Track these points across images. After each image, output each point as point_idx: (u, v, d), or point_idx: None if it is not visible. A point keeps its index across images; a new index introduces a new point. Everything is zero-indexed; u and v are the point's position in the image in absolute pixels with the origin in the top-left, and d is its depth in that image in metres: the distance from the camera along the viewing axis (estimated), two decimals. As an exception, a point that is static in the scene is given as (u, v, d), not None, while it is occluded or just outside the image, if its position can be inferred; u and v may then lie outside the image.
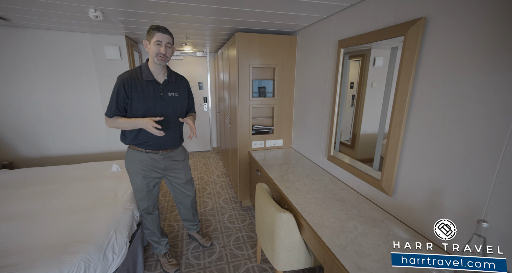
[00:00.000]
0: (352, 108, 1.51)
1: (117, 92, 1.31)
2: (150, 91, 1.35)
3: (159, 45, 1.29)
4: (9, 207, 1.44)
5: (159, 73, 1.39)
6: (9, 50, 2.29)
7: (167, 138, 1.45)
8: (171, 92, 1.42)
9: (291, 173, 1.77)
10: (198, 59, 4.12)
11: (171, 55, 1.37)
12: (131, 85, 1.32)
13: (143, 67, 1.38)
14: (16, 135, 2.50)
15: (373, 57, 1.32)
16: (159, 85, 1.39)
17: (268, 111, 2.43)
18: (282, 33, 2.25)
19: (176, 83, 1.47)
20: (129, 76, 1.33)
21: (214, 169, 3.68)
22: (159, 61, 1.32)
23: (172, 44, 1.36)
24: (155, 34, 1.28)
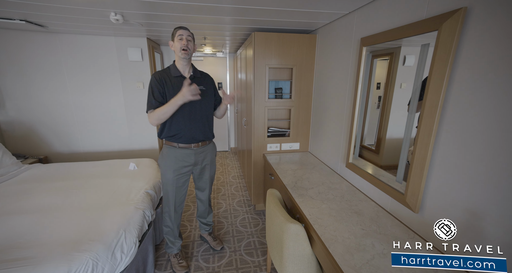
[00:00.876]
0: (378, 111, 1.38)
1: (154, 86, 1.43)
2: (179, 86, 1.44)
3: (181, 39, 1.41)
4: (34, 200, 1.53)
5: (185, 70, 1.51)
6: (46, 54, 2.49)
7: (196, 129, 1.53)
8: (198, 86, 1.49)
9: (306, 180, 1.67)
10: (218, 60, 4.15)
11: (194, 50, 1.49)
12: (162, 82, 1.44)
13: (171, 66, 1.52)
14: (51, 133, 2.71)
15: (403, 55, 1.19)
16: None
17: (285, 114, 2.35)
18: (301, 32, 2.15)
19: (202, 79, 1.58)
20: (160, 74, 1.48)
21: (231, 170, 3.67)
22: (183, 55, 1.43)
23: (193, 39, 1.47)
24: (177, 31, 1.43)
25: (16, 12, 1.77)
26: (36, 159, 2.57)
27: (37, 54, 2.47)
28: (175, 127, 1.49)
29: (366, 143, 1.50)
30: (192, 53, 1.49)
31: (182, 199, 1.67)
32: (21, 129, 2.63)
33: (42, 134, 2.69)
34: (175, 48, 1.45)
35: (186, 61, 1.48)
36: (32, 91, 2.56)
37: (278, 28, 2.03)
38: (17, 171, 2.00)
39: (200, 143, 1.59)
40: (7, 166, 1.98)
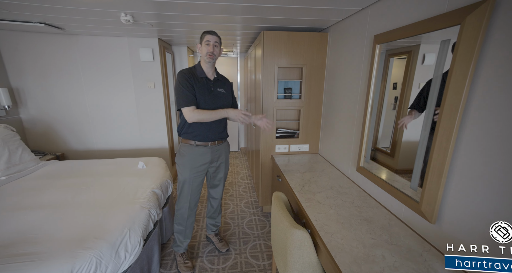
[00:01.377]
0: (394, 112, 1.30)
1: (186, 82, 1.47)
2: (203, 86, 1.52)
3: (208, 45, 1.48)
4: (47, 196, 1.59)
5: (209, 72, 1.58)
6: (64, 56, 2.59)
7: (214, 128, 1.58)
8: (219, 88, 1.60)
9: (314, 183, 1.61)
10: (229, 60, 4.15)
11: (219, 55, 1.55)
12: (191, 79, 1.50)
13: (196, 66, 1.58)
14: (67, 131, 2.82)
15: (422, 53, 1.11)
16: (211, 82, 1.57)
17: (294, 114, 2.29)
18: (312, 31, 2.08)
19: (222, 82, 1.66)
20: (188, 71, 1.53)
21: (240, 170, 3.66)
22: (208, 59, 1.50)
23: (220, 44, 1.54)
24: (205, 36, 1.49)
25: (36, 15, 1.84)
26: (54, 155, 2.68)
27: (56, 55, 2.57)
28: (195, 124, 1.53)
29: (381, 146, 1.42)
30: (218, 57, 1.55)
31: (197, 199, 1.69)
32: (41, 127, 2.76)
33: (59, 132, 2.81)
34: (201, 52, 1.52)
35: (211, 64, 1.55)
36: (51, 91, 2.67)
37: (288, 26, 1.98)
38: (35, 167, 2.09)
39: (216, 141, 1.62)
40: (26, 162, 2.07)
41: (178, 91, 1.48)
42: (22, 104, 2.67)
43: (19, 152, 2.07)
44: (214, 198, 1.88)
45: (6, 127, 2.15)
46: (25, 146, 2.17)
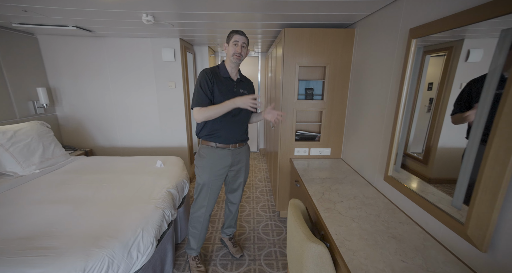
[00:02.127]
0: (428, 115, 1.15)
1: (205, 82, 1.43)
2: (227, 86, 1.49)
3: (236, 45, 1.43)
4: (71, 191, 1.66)
5: (233, 72, 1.52)
6: (93, 57, 2.73)
7: (235, 130, 1.53)
8: (242, 90, 1.56)
9: (335, 191, 1.48)
10: (250, 59, 4.11)
11: (246, 55, 1.51)
12: (213, 79, 1.45)
13: (220, 66, 1.53)
14: (95, 128, 2.98)
15: (466, 49, 0.95)
16: (233, 82, 1.53)
17: (315, 116, 2.16)
18: (337, 27, 1.94)
19: (245, 83, 1.61)
20: (211, 71, 1.48)
21: (258, 172, 3.59)
22: (235, 59, 1.45)
23: (247, 45, 1.48)
24: (233, 36, 1.43)
25: (69, 19, 1.95)
26: (83, 151, 2.85)
27: (86, 56, 2.73)
28: (216, 126, 1.49)
29: (412, 151, 1.26)
30: (244, 58, 1.50)
31: (214, 203, 1.65)
32: (73, 124, 2.95)
33: (88, 129, 2.98)
34: (228, 52, 1.46)
35: (236, 64, 1.50)
36: (82, 90, 2.84)
37: (311, 23, 1.87)
38: (64, 162, 2.22)
39: (237, 143, 1.57)
40: (57, 157, 2.21)
41: (195, 91, 1.46)
42: (58, 102, 2.87)
43: (52, 147, 2.21)
44: (232, 202, 1.82)
45: (43, 124, 2.31)
46: (57, 142, 2.32)
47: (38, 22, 2.09)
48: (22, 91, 2.48)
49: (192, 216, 1.66)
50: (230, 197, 1.81)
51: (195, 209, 1.63)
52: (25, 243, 1.15)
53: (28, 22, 2.11)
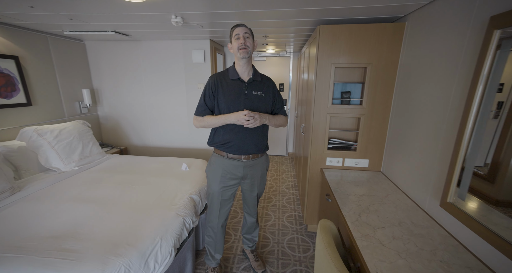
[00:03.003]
0: (495, 122, 0.90)
1: (207, 90, 1.37)
2: (234, 90, 1.35)
3: (238, 38, 1.29)
4: (100, 190, 1.71)
5: (244, 72, 1.38)
6: (130, 59, 2.87)
7: (249, 140, 1.38)
8: (255, 91, 1.38)
9: (374, 213, 1.26)
10: (281, 60, 3.96)
11: (254, 47, 1.34)
12: (217, 84, 1.35)
13: (230, 68, 1.41)
14: (130, 127, 3.14)
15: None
16: (244, 84, 1.37)
17: (352, 123, 1.93)
18: (382, 21, 1.70)
19: (261, 83, 1.42)
20: (217, 76, 1.39)
21: (285, 178, 3.43)
22: (242, 54, 1.29)
23: (251, 35, 1.32)
24: (233, 31, 1.31)
25: (108, 25, 2.05)
26: (118, 149, 3.02)
27: (124, 59, 2.88)
28: (227, 135, 1.37)
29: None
30: (253, 51, 1.33)
31: (227, 213, 1.56)
32: (111, 123, 3.14)
33: (124, 128, 3.15)
34: (233, 50, 1.33)
35: (246, 61, 1.33)
36: (119, 91, 3.01)
37: (351, 18, 1.66)
38: (100, 160, 2.35)
39: (250, 155, 1.42)
40: (94, 154, 2.35)
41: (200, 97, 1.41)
42: (99, 102, 3.08)
43: (90, 146, 2.35)
44: (248, 213, 1.71)
45: (84, 123, 2.48)
46: (95, 140, 2.47)
47: (83, 29, 2.24)
48: (70, 92, 2.71)
49: (207, 225, 1.59)
50: (246, 208, 1.70)
51: (209, 219, 1.56)
52: (53, 242, 1.19)
53: (76, 30, 2.28)
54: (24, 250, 1.14)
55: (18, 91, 2.21)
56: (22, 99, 2.24)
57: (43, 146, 2.04)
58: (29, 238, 1.23)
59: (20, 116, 2.22)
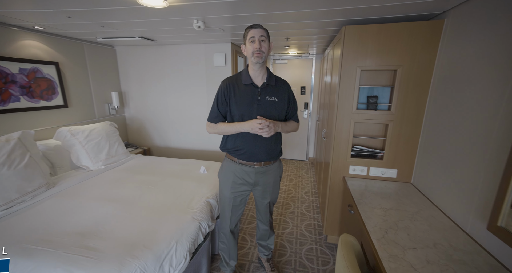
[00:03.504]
0: None
1: (219, 96, 1.33)
2: (247, 95, 1.29)
3: (253, 41, 1.22)
4: (123, 190, 1.78)
5: (258, 76, 1.31)
6: (154, 63, 2.99)
7: (261, 146, 1.33)
8: (269, 96, 1.31)
9: (404, 230, 1.14)
10: (303, 62, 3.87)
11: (269, 51, 1.27)
12: (230, 90, 1.30)
13: (243, 72, 1.35)
14: (153, 128, 3.26)
15: None
16: (257, 89, 1.30)
17: (379, 129, 1.80)
18: (416, 19, 1.56)
19: (276, 87, 1.34)
20: (229, 81, 1.33)
21: (305, 184, 3.32)
22: (256, 59, 1.23)
23: (267, 38, 1.25)
24: (248, 32, 1.24)
25: (135, 31, 2.14)
26: (142, 149, 3.15)
27: (149, 63, 3.00)
28: (238, 142, 1.34)
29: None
30: (268, 55, 1.27)
31: (238, 219, 1.53)
32: (137, 124, 3.29)
33: (148, 129, 3.28)
34: (247, 53, 1.27)
35: (259, 65, 1.27)
36: (144, 94, 3.14)
37: (379, 17, 1.55)
38: (124, 160, 2.46)
39: (263, 162, 1.38)
40: (119, 154, 2.46)
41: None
42: (126, 104, 3.25)
43: (116, 146, 2.47)
44: (260, 220, 1.65)
45: (111, 125, 2.62)
46: (121, 141, 2.59)
47: (114, 36, 2.37)
48: (101, 95, 2.89)
49: (220, 231, 1.57)
50: (258, 215, 1.64)
51: (222, 225, 1.54)
52: (78, 239, 1.24)
53: (107, 36, 2.42)
54: (52, 244, 1.20)
55: (57, 94, 2.39)
56: (60, 101, 2.42)
57: (75, 145, 2.18)
58: (58, 232, 1.30)
59: (58, 117, 2.41)
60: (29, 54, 2.14)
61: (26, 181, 1.67)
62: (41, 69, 2.22)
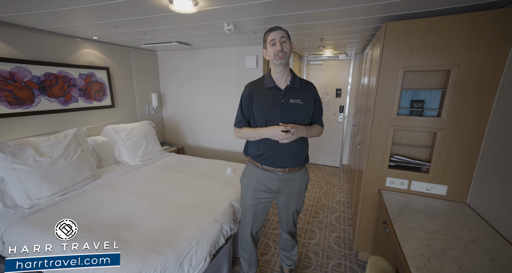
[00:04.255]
0: None
1: (241, 102, 1.34)
2: (270, 99, 1.26)
3: (274, 44, 1.19)
4: (154, 186, 1.88)
5: (281, 79, 1.27)
6: (190, 66, 3.14)
7: (286, 152, 1.28)
8: (293, 99, 1.26)
9: (454, 261, 0.96)
10: (340, 63, 3.65)
11: (291, 51, 1.23)
12: (252, 94, 1.29)
13: (265, 75, 1.32)
14: (187, 128, 3.42)
15: None
16: (280, 92, 1.26)
17: (424, 138, 1.58)
18: (477, 9, 1.32)
19: (301, 89, 1.29)
20: (252, 85, 1.32)
21: (337, 192, 3.11)
22: (279, 60, 1.19)
23: (288, 39, 1.21)
24: (268, 36, 1.22)
25: (172, 36, 2.27)
26: (176, 148, 3.32)
27: (185, 66, 3.16)
28: (261, 146, 1.29)
29: None
30: (290, 55, 1.23)
31: (260, 226, 1.48)
32: (172, 124, 3.49)
33: (182, 129, 3.45)
34: (269, 56, 1.24)
35: (282, 67, 1.23)
36: (181, 95, 3.32)
37: (427, 10, 1.36)
38: (159, 157, 2.62)
39: (287, 168, 1.32)
40: (154, 152, 2.63)
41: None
42: (164, 105, 3.47)
43: (152, 144, 2.65)
44: (283, 230, 1.58)
45: (149, 124, 2.82)
46: (157, 139, 2.77)
47: (155, 41, 2.55)
48: (142, 96, 3.14)
49: (240, 238, 1.54)
50: (280, 223, 1.56)
51: (243, 232, 1.50)
52: (112, 230, 1.34)
53: (149, 42, 2.62)
54: (91, 231, 1.33)
55: (107, 96, 2.67)
56: (108, 102, 2.69)
57: (118, 141, 2.39)
58: (97, 221, 1.42)
59: (106, 116, 2.68)
60: (87, 60, 2.43)
61: (77, 172, 1.88)
62: (95, 74, 2.51)
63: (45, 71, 2.07)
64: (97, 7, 1.40)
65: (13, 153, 1.60)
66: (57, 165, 1.75)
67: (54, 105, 2.17)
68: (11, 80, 1.86)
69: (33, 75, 2.00)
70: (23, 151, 1.65)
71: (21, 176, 1.58)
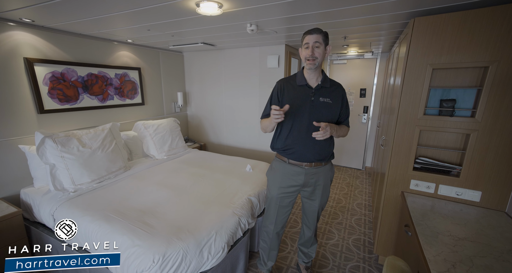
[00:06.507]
0: None
1: (271, 96, 1.39)
2: (301, 96, 1.31)
3: (307, 48, 1.23)
4: (177, 179, 2.00)
5: (312, 78, 1.32)
6: (214, 66, 3.25)
7: (312, 147, 1.32)
8: (323, 98, 1.31)
9: (482, 269, 0.91)
10: (365, 62, 3.53)
11: (323, 56, 1.25)
12: (284, 90, 1.34)
13: (298, 73, 1.38)
14: (210, 126, 3.55)
15: None
16: (311, 90, 1.31)
17: (454, 140, 1.48)
18: None
19: (330, 89, 1.34)
20: (284, 81, 1.38)
21: (358, 195, 3.02)
22: (308, 65, 1.26)
23: (323, 43, 1.23)
24: (304, 38, 1.26)
25: (197, 37, 2.38)
26: (199, 144, 3.46)
27: (209, 66, 3.28)
28: (289, 141, 1.34)
29: None
30: (323, 60, 1.27)
31: (285, 220, 1.51)
32: (196, 121, 3.65)
33: (205, 127, 3.59)
34: (302, 57, 1.29)
35: (313, 70, 1.28)
36: (204, 94, 3.45)
37: (460, 3, 1.27)
38: (182, 152, 2.76)
39: (313, 163, 1.35)
40: (179, 147, 2.78)
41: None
42: (189, 103, 3.64)
43: (177, 140, 2.80)
44: (307, 226, 1.59)
45: (175, 121, 2.97)
46: (181, 136, 2.91)
47: (182, 43, 2.69)
48: (169, 95, 3.32)
49: (262, 229, 1.57)
50: (305, 219, 1.58)
51: (265, 224, 1.54)
52: (140, 215, 1.47)
53: (177, 44, 2.77)
54: (122, 215, 1.46)
55: (138, 94, 2.88)
56: (139, 100, 2.90)
57: (146, 136, 2.57)
58: (127, 207, 1.56)
59: (136, 113, 2.89)
60: (122, 62, 2.64)
61: (111, 163, 2.07)
62: (128, 74, 2.71)
63: (87, 72, 2.30)
64: (133, 13, 1.53)
65: (62, 143, 1.81)
66: (95, 155, 1.94)
67: (94, 102, 2.40)
68: (62, 80, 2.11)
69: (78, 76, 2.23)
70: (70, 141, 1.85)
71: (68, 163, 1.78)
